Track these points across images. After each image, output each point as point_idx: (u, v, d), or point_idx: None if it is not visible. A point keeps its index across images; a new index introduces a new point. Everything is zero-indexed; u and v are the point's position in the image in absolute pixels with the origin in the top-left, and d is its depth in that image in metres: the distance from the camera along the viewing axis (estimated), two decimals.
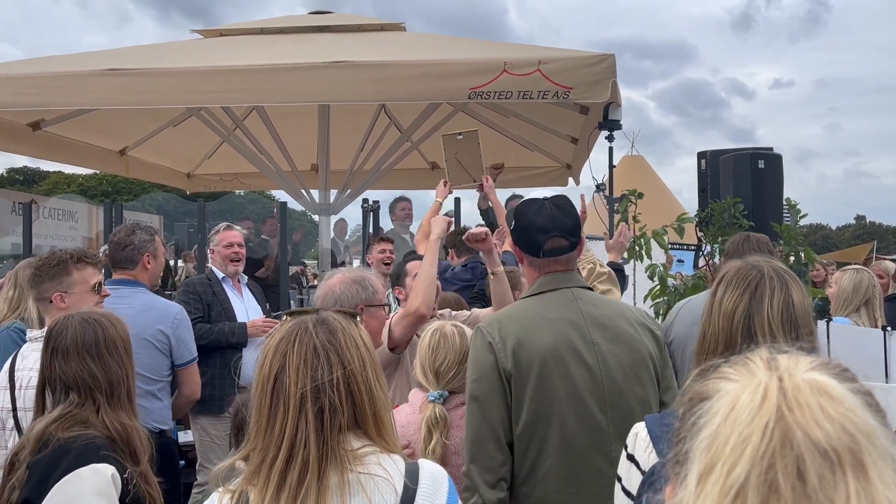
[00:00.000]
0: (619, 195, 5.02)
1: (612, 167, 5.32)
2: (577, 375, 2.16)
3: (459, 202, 7.28)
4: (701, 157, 5.53)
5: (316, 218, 6.57)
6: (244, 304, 4.85)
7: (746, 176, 4.94)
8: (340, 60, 4.45)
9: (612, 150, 5.17)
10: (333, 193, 6.12)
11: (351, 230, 11.18)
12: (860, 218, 71.62)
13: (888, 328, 3.24)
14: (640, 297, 4.94)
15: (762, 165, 4.93)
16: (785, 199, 5.09)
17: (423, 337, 2.71)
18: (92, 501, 1.97)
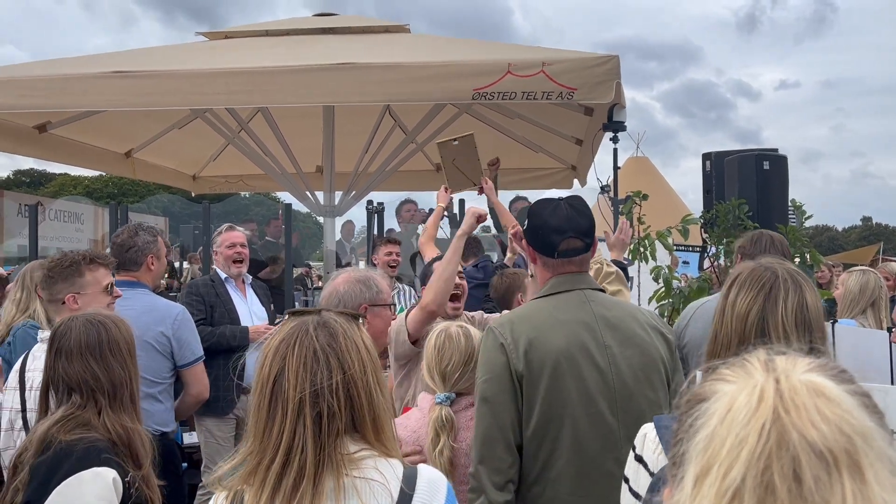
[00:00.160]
0: (623, 197, 5.01)
1: (616, 168, 5.32)
2: (588, 377, 2.16)
3: (463, 203, 7.28)
4: (706, 158, 5.52)
5: (321, 220, 6.57)
6: (248, 305, 4.86)
7: (751, 177, 4.92)
8: (345, 62, 4.45)
9: (616, 151, 5.17)
10: (338, 195, 6.12)
11: (358, 231, 11.19)
12: (866, 219, 71.44)
13: (894, 329, 3.23)
14: (644, 298, 4.93)
15: (767, 167, 4.91)
16: (790, 200, 5.07)
17: (428, 339, 2.71)
18: None
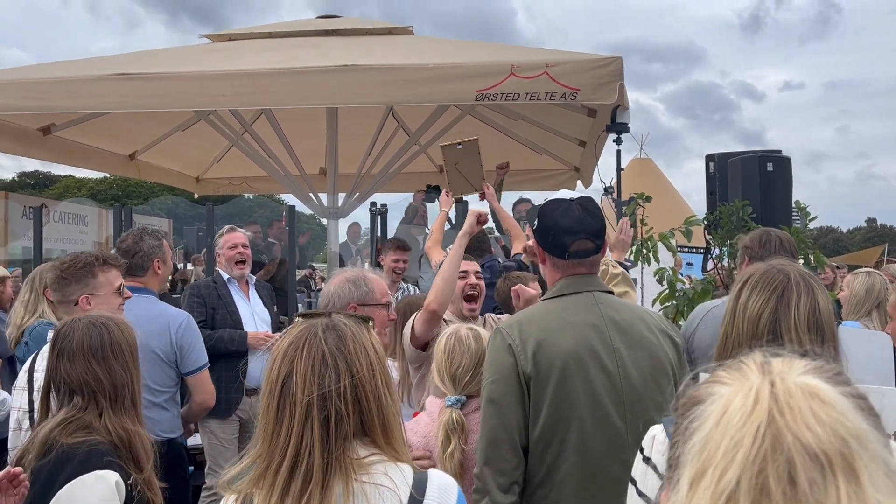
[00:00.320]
0: (627, 198, 5.01)
1: (619, 170, 5.32)
2: (596, 380, 2.15)
3: (466, 205, 7.27)
4: (709, 159, 5.50)
5: (324, 221, 6.58)
6: (250, 306, 4.85)
7: (755, 179, 4.91)
8: (349, 64, 4.46)
9: (619, 152, 5.17)
10: (342, 197, 6.13)
11: (363, 233, 11.19)
12: (871, 220, 71.25)
13: None
14: (648, 300, 4.92)
15: (771, 168, 4.90)
16: (794, 201, 5.06)
17: (438, 342, 2.70)
18: None
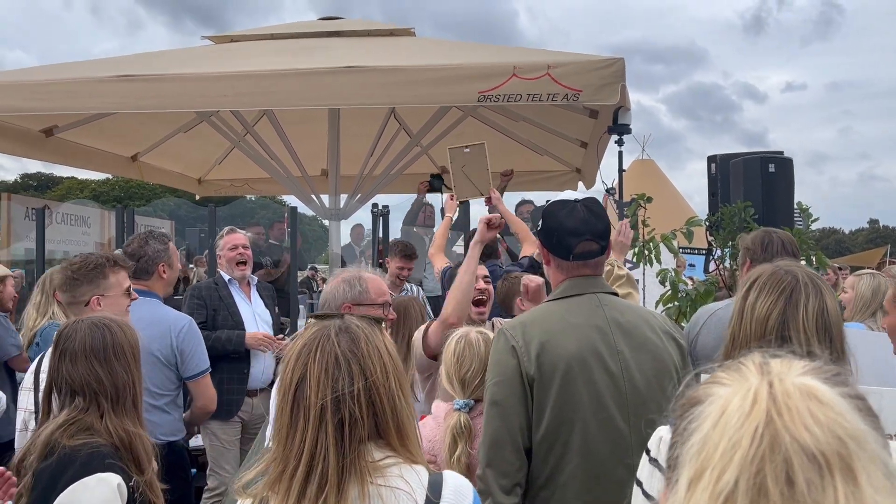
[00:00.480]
0: (629, 199, 5.01)
1: (621, 171, 5.31)
2: (600, 382, 2.14)
3: (469, 206, 7.26)
4: (711, 161, 5.50)
5: (326, 223, 6.58)
6: (252, 307, 4.85)
7: (757, 180, 4.91)
8: (351, 65, 4.46)
9: (621, 154, 5.16)
10: (344, 198, 6.14)
11: (367, 234, 11.20)
12: (873, 221, 71.17)
13: None
14: (650, 302, 4.92)
15: (773, 169, 4.90)
16: (796, 203, 5.05)
17: (447, 345, 2.70)
18: None
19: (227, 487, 4.41)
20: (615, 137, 5.06)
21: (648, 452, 1.67)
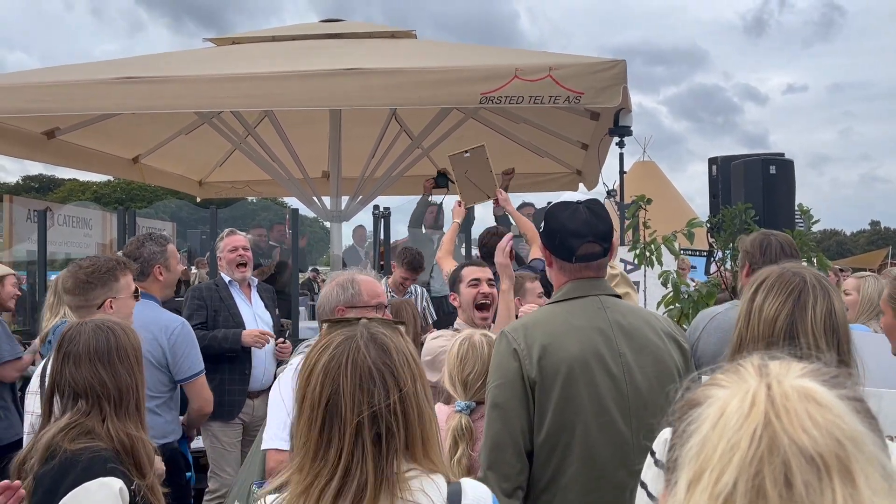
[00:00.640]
0: (630, 201, 5.01)
1: (622, 173, 5.32)
2: (602, 385, 2.13)
3: (473, 209, 7.25)
4: (712, 162, 5.50)
5: (327, 224, 6.59)
6: (252, 309, 4.86)
7: (758, 182, 4.90)
8: (353, 67, 4.46)
9: (622, 156, 5.18)
10: (345, 200, 6.14)
11: (369, 235, 11.22)
12: (875, 223, 71.08)
13: None
14: (651, 303, 4.91)
15: (773, 171, 4.89)
16: (797, 204, 5.05)
17: (451, 347, 2.70)
18: None
19: (228, 490, 4.41)
20: (616, 139, 5.07)
21: (653, 454, 1.67)
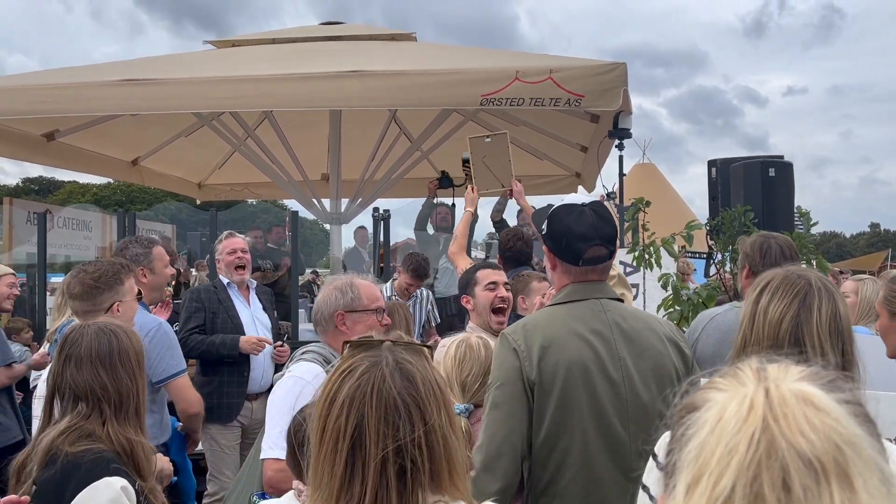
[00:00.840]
0: (629, 203, 5.01)
1: (622, 175, 5.32)
2: (600, 389, 2.12)
3: (454, 209, 6.96)
4: (711, 165, 5.51)
5: (327, 227, 6.59)
6: (251, 311, 4.85)
7: (757, 184, 4.91)
8: (354, 70, 4.47)
9: (622, 158, 5.18)
10: (345, 202, 6.14)
11: (370, 236, 11.22)
12: (874, 226, 71.10)
13: None
14: (651, 306, 4.91)
15: (773, 173, 4.90)
16: (796, 207, 5.06)
17: (448, 349, 2.68)
18: None
19: (226, 493, 4.40)
20: (616, 141, 5.07)
21: (655, 457, 1.66)
